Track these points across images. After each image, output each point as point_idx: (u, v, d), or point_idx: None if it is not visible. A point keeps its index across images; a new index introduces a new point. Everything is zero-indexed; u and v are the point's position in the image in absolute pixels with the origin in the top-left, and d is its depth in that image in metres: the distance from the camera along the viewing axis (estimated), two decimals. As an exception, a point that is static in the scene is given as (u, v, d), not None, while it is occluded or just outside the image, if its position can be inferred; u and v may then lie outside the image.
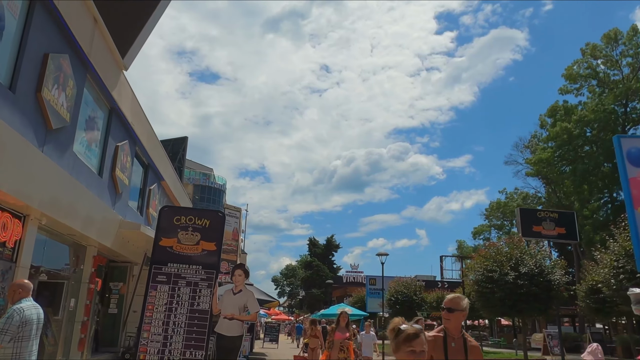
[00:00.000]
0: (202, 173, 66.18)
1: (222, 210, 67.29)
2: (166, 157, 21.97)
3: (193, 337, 6.01)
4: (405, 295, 28.70)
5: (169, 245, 6.30)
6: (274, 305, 22.84)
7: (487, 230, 55.22)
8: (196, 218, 6.48)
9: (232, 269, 6.36)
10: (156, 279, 6.15)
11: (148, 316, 6.07)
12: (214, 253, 6.42)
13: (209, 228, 6.50)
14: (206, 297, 6.25)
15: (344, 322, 8.25)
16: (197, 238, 6.37)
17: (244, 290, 6.21)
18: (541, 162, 36.32)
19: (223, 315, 6.04)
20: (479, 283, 17.19)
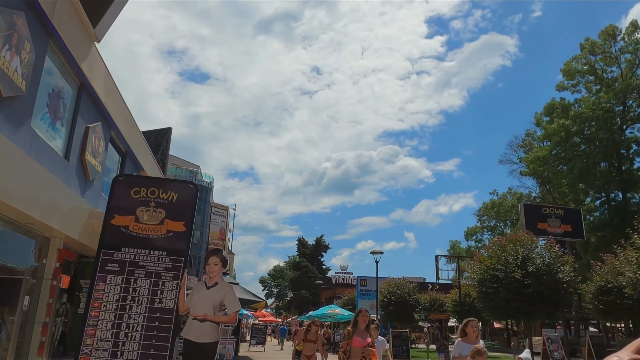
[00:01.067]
0: (188, 170, 64.31)
1: (208, 207, 65.58)
2: (146, 145, 20.45)
3: (153, 345, 4.58)
4: (398, 296, 27.42)
5: (124, 224, 4.85)
6: (260, 306, 21.38)
7: (480, 232, 54.25)
8: (160, 190, 5.00)
9: (206, 256, 4.97)
10: (106, 267, 4.69)
11: (93, 317, 4.60)
12: (182, 236, 4.89)
13: (177, 203, 4.94)
14: (171, 292, 4.82)
15: (363, 323, 6.17)
16: (161, 216, 4.94)
17: (221, 283, 4.82)
18: (537, 161, 35.35)
19: (192, 315, 4.66)
20: (483, 283, 15.95)
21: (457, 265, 25.98)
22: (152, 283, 4.79)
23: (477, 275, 16.52)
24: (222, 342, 18.34)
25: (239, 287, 21.63)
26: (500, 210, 44.43)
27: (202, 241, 64.60)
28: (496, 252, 16.26)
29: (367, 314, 6.34)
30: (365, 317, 6.24)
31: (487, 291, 15.73)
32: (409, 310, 27.14)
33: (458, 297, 27.53)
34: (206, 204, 64.98)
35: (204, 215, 64.56)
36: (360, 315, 6.25)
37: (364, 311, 6.37)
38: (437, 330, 17.68)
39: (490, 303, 15.88)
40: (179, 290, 4.82)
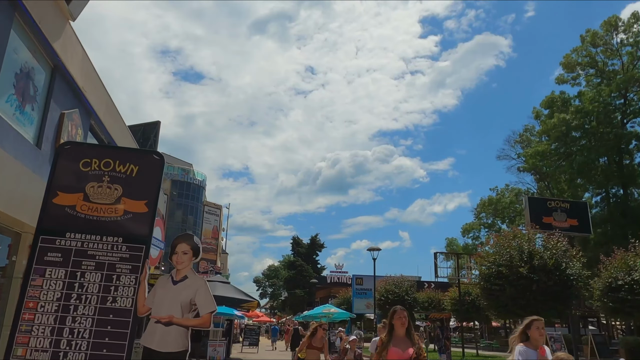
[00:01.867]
0: (180, 168, 63.16)
1: (201, 206, 64.47)
2: (132, 138, 19.41)
3: (104, 355, 3.61)
4: (396, 294, 26.49)
5: (70, 204, 3.86)
6: (253, 306, 20.38)
7: (477, 228, 53.44)
8: (117, 162, 4.00)
9: (173, 243, 4.01)
10: (45, 258, 3.69)
11: (27, 320, 3.59)
12: (143, 218, 3.95)
13: (138, 178, 4.04)
14: (128, 289, 3.86)
15: (402, 327, 4.26)
16: (117, 193, 3.96)
17: (192, 277, 3.87)
18: (537, 155, 34.56)
19: (155, 317, 3.71)
20: (487, 279, 15.05)
21: (456, 262, 25.09)
22: (105, 277, 3.81)
23: (480, 271, 15.61)
24: (212, 345, 17.30)
25: (230, 286, 20.64)
26: (498, 207, 43.63)
27: (195, 240, 63.24)
28: (500, 246, 15.35)
29: (405, 315, 4.32)
30: (404, 318, 4.28)
31: (491, 288, 14.84)
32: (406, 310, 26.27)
33: (457, 295, 26.66)
34: (199, 203, 63.90)
35: (196, 214, 63.47)
36: (397, 316, 4.29)
37: (399, 311, 4.36)
38: (438, 330, 16.80)
39: (495, 301, 15.00)
40: (138, 286, 3.85)
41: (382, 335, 4.41)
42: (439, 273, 25.01)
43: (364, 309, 38.61)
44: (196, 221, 62.66)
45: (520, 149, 41.53)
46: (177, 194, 60.34)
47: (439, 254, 25.78)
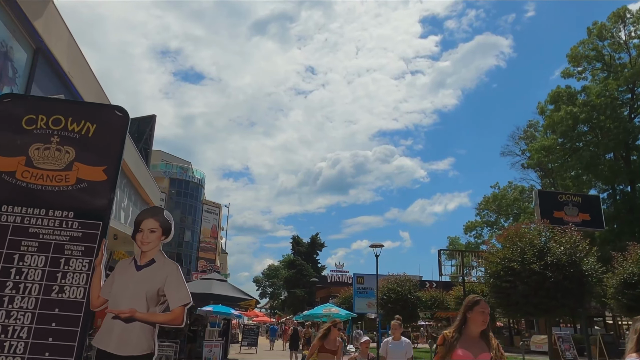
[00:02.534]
0: (179, 166, 62.35)
1: (200, 204, 63.68)
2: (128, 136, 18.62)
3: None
4: (398, 293, 25.68)
5: (8, 169, 3.05)
6: (251, 305, 19.57)
7: (480, 226, 52.68)
8: (69, 119, 3.15)
9: (137, 219, 3.23)
10: (-26, 236, 2.95)
11: (-53, 314, 2.84)
12: (101, 188, 3.18)
13: (96, 138, 3.26)
14: (79, 276, 3.07)
15: (481, 324, 3.19)
16: (68, 157, 3.16)
17: (160, 261, 3.08)
18: (542, 150, 33.75)
19: (112, 312, 2.94)
20: (496, 276, 14.26)
21: (460, 260, 24.31)
22: (50, 261, 3.02)
23: (489, 267, 14.82)
24: (207, 345, 16.48)
25: (227, 284, 19.85)
26: (501, 204, 42.80)
27: (194, 240, 62.67)
28: (511, 241, 14.53)
29: (488, 310, 3.23)
30: (486, 314, 3.17)
31: (501, 285, 14.04)
32: (409, 309, 25.42)
33: (462, 293, 25.87)
34: (198, 201, 63.06)
35: (195, 213, 62.64)
36: (478, 309, 3.17)
37: (483, 303, 3.25)
38: (445, 330, 16.03)
39: (506, 299, 14.20)
40: (92, 272, 3.07)
41: (447, 331, 3.25)
42: (443, 271, 24.23)
43: (365, 308, 37.73)
44: (195, 220, 61.85)
45: (525, 145, 40.73)
46: (176, 192, 59.52)
47: (443, 251, 24.97)
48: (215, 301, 17.25)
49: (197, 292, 18.04)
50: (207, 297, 17.44)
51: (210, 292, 17.44)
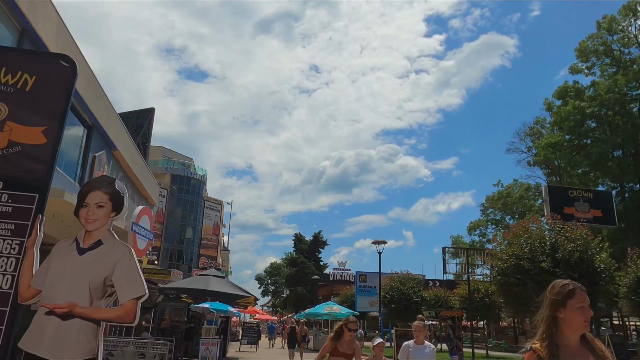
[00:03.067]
0: (180, 163, 61.84)
1: (201, 201, 63.20)
2: (120, 122, 18.09)
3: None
4: (401, 292, 25.09)
5: None
6: (250, 302, 19.02)
7: (484, 225, 51.97)
8: (1, 70, 2.58)
9: (81, 191, 2.64)
10: None
11: None
12: (40, 153, 2.62)
13: (35, 94, 2.71)
14: (7, 261, 2.51)
15: (582, 326, 2.16)
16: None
17: (109, 243, 2.51)
18: (549, 147, 33.04)
19: (45, 305, 2.35)
20: (505, 273, 13.65)
21: (465, 258, 23.66)
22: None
23: (497, 265, 14.21)
24: (204, 343, 15.94)
25: (225, 280, 19.35)
26: (507, 202, 42.10)
27: (195, 237, 62.20)
28: (520, 237, 13.91)
29: (586, 300, 2.20)
30: (586, 307, 2.18)
31: (510, 282, 13.43)
32: (413, 308, 24.82)
33: (467, 292, 25.26)
34: (199, 198, 62.54)
35: (197, 210, 62.16)
36: (573, 303, 2.17)
37: (580, 292, 2.21)
38: (449, 329, 15.43)
39: (514, 297, 13.60)
40: (23, 256, 2.49)
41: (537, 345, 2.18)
42: (447, 269, 23.59)
43: (367, 306, 37.30)
44: (197, 217, 61.37)
45: (531, 142, 40.02)
46: (177, 188, 59.06)
47: (447, 249, 24.34)
48: (213, 298, 16.72)
49: (194, 289, 17.54)
50: (204, 293, 16.92)
51: (207, 289, 16.90)
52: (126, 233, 14.26)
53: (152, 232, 16.39)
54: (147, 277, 21.66)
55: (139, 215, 14.73)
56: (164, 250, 56.32)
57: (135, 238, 14.48)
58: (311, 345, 31.79)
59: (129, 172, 20.39)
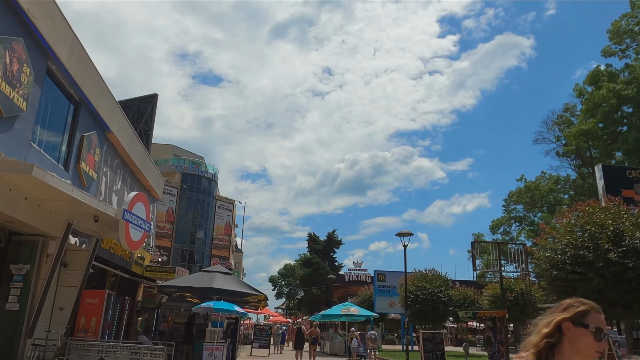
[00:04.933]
0: (191, 161, 60.30)
1: (213, 200, 61.53)
2: (114, 100, 16.28)
3: None
4: (428, 291, 22.88)
5: None
6: (260, 301, 17.02)
7: (507, 223, 49.39)
8: None
9: None
10: None
11: None
12: None
13: None
14: None
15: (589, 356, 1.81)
16: None
17: None
18: (581, 135, 30.56)
19: None
20: (559, 266, 11.47)
21: (496, 253, 21.40)
22: None
23: (548, 257, 12.02)
24: (207, 348, 14.00)
25: (231, 277, 17.35)
26: (534, 196, 39.52)
27: (207, 236, 60.48)
28: (581, 222, 11.69)
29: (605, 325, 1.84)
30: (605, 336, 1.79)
31: (567, 277, 11.24)
32: (440, 309, 22.62)
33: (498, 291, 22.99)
34: (211, 197, 60.82)
35: (208, 209, 60.40)
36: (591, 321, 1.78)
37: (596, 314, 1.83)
38: (490, 332, 13.29)
39: (571, 294, 11.40)
40: None
41: None
42: (477, 266, 21.35)
43: (386, 308, 35.18)
44: (208, 216, 59.75)
45: (559, 131, 37.50)
46: (187, 187, 57.50)
47: (476, 243, 22.11)
48: (219, 297, 14.79)
49: (197, 287, 15.64)
50: (209, 291, 14.98)
51: (211, 287, 14.96)
52: (116, 222, 12.38)
53: (150, 223, 14.50)
54: (148, 275, 19.77)
55: (131, 202, 12.82)
56: (174, 250, 54.78)
57: (127, 228, 12.58)
58: (327, 348, 29.74)
59: (126, 160, 18.59)
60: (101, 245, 15.96)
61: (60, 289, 13.56)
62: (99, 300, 14.05)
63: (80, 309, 13.73)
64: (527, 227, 48.85)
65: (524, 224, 50.04)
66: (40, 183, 9.12)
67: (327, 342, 29.36)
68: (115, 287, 18.04)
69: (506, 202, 50.50)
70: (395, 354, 26.46)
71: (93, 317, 13.96)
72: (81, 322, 13.84)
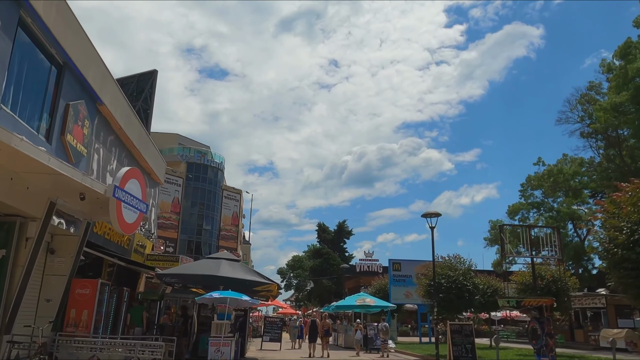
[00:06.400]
0: (196, 150, 58.66)
1: (219, 190, 59.99)
2: (105, 69, 14.56)
3: None
4: (451, 279, 21.10)
5: None
6: (272, 291, 15.34)
7: (526, 209, 47.36)
8: None
9: None
10: None
11: None
12: None
13: None
14: None
15: None
16: None
17: None
18: (613, 110, 28.42)
19: None
20: (627, 247, 9.67)
21: (527, 236, 19.58)
22: None
23: (611, 236, 10.22)
24: (214, 343, 12.34)
25: (239, 265, 15.65)
26: (558, 179, 37.42)
27: (214, 227, 59.02)
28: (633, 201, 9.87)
29: None
30: None
31: (633, 258, 9.45)
32: (466, 298, 20.86)
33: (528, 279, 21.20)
34: (217, 187, 59.20)
35: (214, 200, 58.84)
36: None
37: None
38: (536, 323, 11.55)
39: (636, 278, 9.63)
40: None
41: None
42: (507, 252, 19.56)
43: (402, 298, 33.52)
44: (214, 206, 58.22)
45: (583, 111, 35.36)
46: (193, 177, 55.93)
47: (506, 227, 20.27)
48: (225, 286, 13.13)
49: (201, 274, 13.99)
50: (214, 280, 13.32)
51: (217, 275, 13.28)
52: (107, 200, 10.71)
53: (146, 204, 12.82)
54: (150, 264, 18.12)
55: (124, 178, 11.12)
56: (180, 242, 53.37)
57: (119, 208, 10.90)
58: (341, 341, 28.16)
59: (122, 138, 16.91)
60: (94, 230, 14.38)
61: (46, 278, 11.95)
62: (91, 291, 12.41)
63: (70, 300, 12.11)
64: (545, 213, 46.86)
65: (542, 210, 48.04)
66: (6, 148, 7.45)
67: (342, 334, 27.72)
68: (113, 277, 16.49)
69: (523, 187, 48.49)
70: (414, 347, 24.79)
71: (84, 309, 12.33)
72: (71, 316, 12.22)
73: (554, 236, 19.85)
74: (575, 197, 37.77)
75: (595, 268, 44.26)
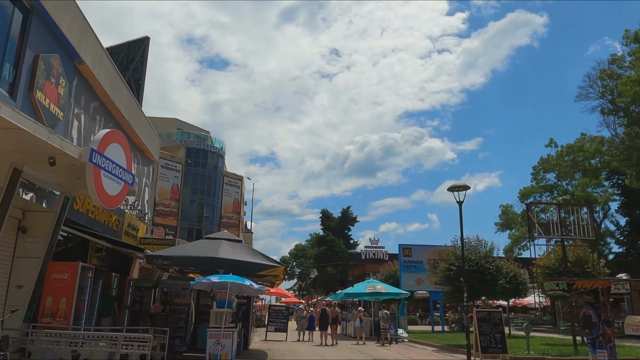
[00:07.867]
0: (196, 135, 56.67)
1: (220, 176, 58.21)
2: (85, 21, 12.65)
3: None
4: (473, 263, 19.32)
5: None
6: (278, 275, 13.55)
7: (538, 192, 45.56)
8: None
9: None
10: None
11: None
12: None
13: None
14: None
15: None
16: None
17: None
18: (639, 84, 26.41)
19: None
20: None
21: (557, 215, 17.79)
22: None
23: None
24: (212, 335, 10.56)
25: (242, 245, 13.78)
26: (577, 159, 35.50)
27: (214, 214, 57.31)
28: None
29: None
30: None
31: None
32: (489, 282, 19.10)
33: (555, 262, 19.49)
34: (217, 173, 57.32)
35: (215, 186, 57.02)
36: None
37: None
38: (591, 309, 9.81)
39: None
40: None
41: None
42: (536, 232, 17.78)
43: (413, 285, 31.79)
44: (215, 193, 56.42)
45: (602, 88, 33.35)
46: (192, 162, 54.05)
47: (534, 206, 18.45)
48: (225, 270, 11.38)
49: (197, 257, 12.21)
50: (212, 262, 11.55)
51: (216, 257, 11.50)
52: (83, 167, 8.89)
53: (133, 175, 11.00)
54: (143, 247, 16.32)
55: (102, 141, 9.28)
56: (180, 229, 51.64)
57: (97, 175, 9.09)
58: (351, 331, 26.57)
59: (108, 105, 15.02)
60: (74, 207, 12.60)
61: (17, 261, 10.12)
62: (70, 276, 10.60)
63: (45, 287, 10.33)
64: (558, 196, 45.03)
65: (555, 194, 46.23)
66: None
67: (352, 323, 26.05)
68: (101, 263, 14.76)
69: (535, 169, 46.63)
70: (428, 336, 23.09)
71: (62, 297, 10.55)
72: (47, 304, 10.43)
73: (583, 215, 18.10)
74: (595, 178, 35.88)
75: (611, 253, 42.72)
